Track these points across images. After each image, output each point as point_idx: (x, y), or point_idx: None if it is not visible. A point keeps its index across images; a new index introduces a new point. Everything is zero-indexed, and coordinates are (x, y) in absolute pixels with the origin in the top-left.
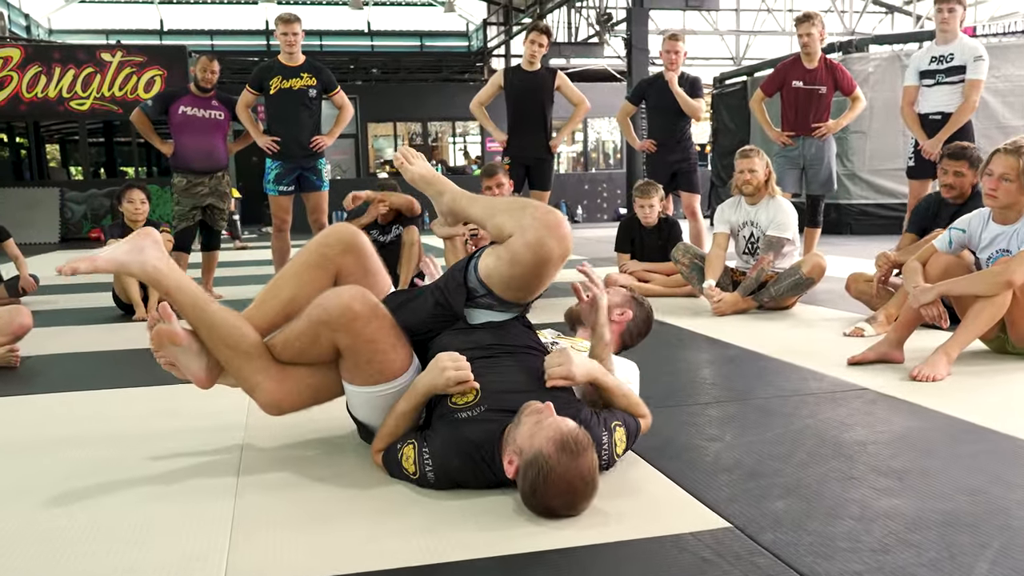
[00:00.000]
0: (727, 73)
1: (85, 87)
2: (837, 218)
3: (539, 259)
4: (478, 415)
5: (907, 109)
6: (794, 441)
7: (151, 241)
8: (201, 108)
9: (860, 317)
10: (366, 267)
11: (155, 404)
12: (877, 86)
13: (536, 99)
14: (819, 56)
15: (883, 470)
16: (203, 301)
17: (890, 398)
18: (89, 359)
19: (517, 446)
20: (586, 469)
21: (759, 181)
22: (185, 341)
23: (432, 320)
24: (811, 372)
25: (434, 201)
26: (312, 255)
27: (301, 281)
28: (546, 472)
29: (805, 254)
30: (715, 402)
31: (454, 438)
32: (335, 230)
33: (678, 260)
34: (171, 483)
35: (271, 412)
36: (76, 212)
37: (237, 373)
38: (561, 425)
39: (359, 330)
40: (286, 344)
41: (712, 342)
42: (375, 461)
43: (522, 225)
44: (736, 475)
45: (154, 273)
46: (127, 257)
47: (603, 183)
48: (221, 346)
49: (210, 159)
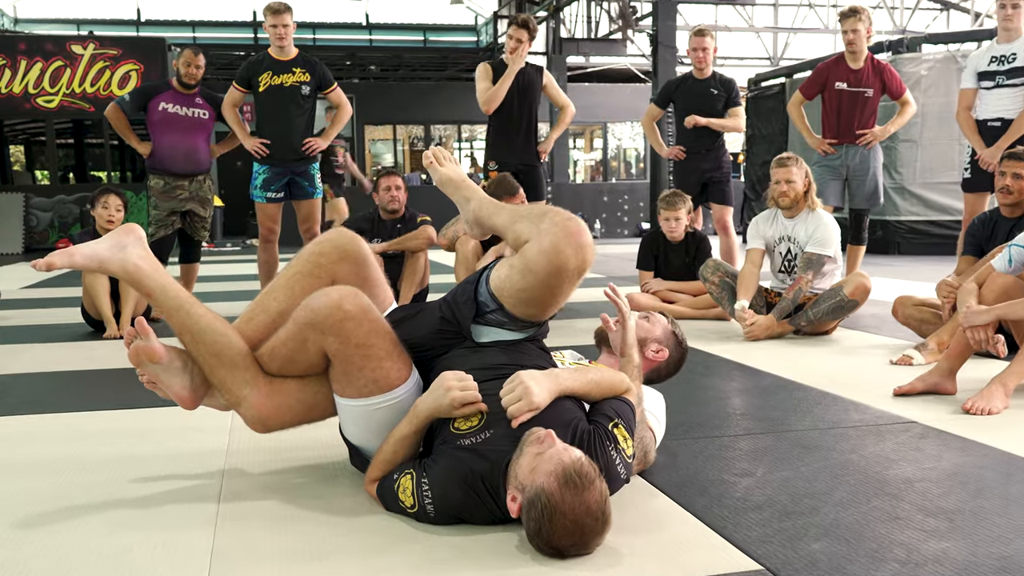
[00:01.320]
0: (763, 74)
1: (53, 82)
2: (884, 236)
3: (553, 268)
4: (482, 442)
5: (963, 114)
6: (833, 477)
7: (134, 238)
8: (183, 106)
9: (908, 344)
10: (365, 277)
11: (128, 427)
12: (930, 89)
13: (523, 99)
14: (865, 56)
15: (932, 510)
16: (188, 305)
17: (940, 432)
18: (56, 379)
19: (519, 481)
20: (594, 503)
21: (797, 193)
22: (165, 358)
23: (437, 336)
24: (853, 403)
25: (460, 208)
26: (305, 263)
27: (292, 293)
28: (550, 510)
29: (848, 274)
30: (746, 434)
31: (456, 468)
32: (331, 236)
33: (707, 279)
34: (145, 512)
35: (257, 429)
36: (42, 220)
37: (222, 384)
38: (563, 457)
39: (349, 333)
40: (273, 353)
41: (743, 369)
42: (368, 492)
43: (539, 230)
44: (768, 513)
45: (136, 272)
46: (108, 254)
47: (624, 194)
48: (206, 354)
49: (191, 161)
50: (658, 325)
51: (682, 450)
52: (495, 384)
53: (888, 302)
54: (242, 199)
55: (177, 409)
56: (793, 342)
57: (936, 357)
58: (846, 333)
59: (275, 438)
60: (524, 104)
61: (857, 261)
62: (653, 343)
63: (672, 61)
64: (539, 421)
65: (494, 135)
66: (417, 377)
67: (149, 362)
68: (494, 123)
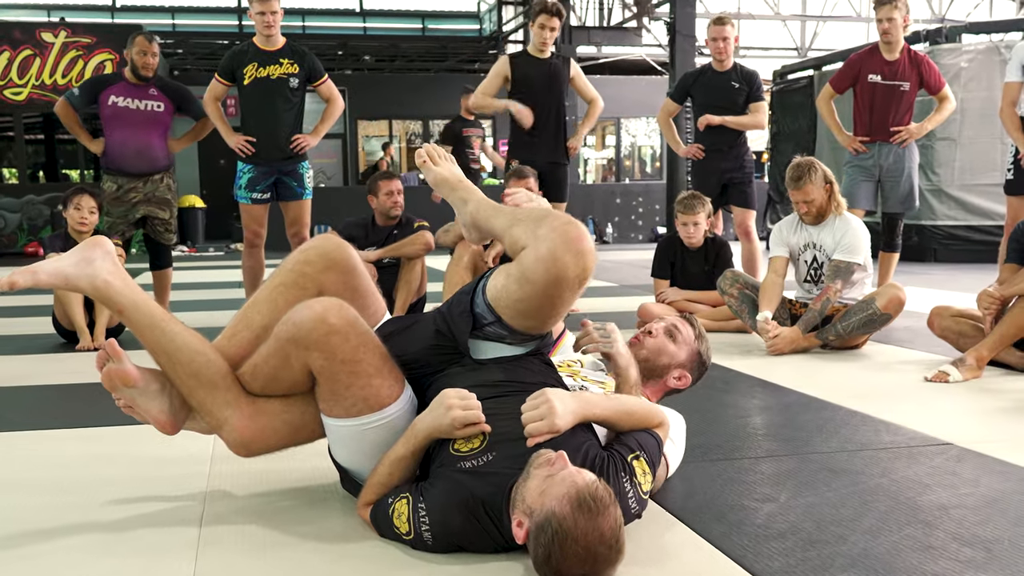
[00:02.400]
0: (790, 66)
1: (22, 73)
2: (919, 242)
3: (551, 277)
4: (484, 465)
5: (1007, 110)
6: (862, 503)
7: (102, 252)
8: (135, 98)
9: (944, 359)
10: (354, 287)
11: (103, 446)
12: (970, 83)
13: (550, 92)
14: (901, 46)
15: (968, 539)
16: (163, 322)
17: (978, 454)
18: (25, 394)
19: (527, 506)
20: (608, 530)
21: (819, 206)
22: (141, 382)
23: (432, 352)
24: (884, 423)
25: (457, 210)
26: (288, 274)
27: (276, 306)
28: (561, 536)
29: (880, 283)
30: (768, 456)
31: (456, 492)
32: (316, 243)
33: (725, 291)
34: (122, 536)
35: (240, 453)
36: (10, 222)
37: (201, 407)
38: (576, 479)
39: (335, 348)
40: (254, 371)
41: (766, 386)
42: (361, 516)
43: (536, 236)
44: (791, 542)
45: (105, 289)
46: (74, 270)
47: (639, 196)
48: (183, 375)
49: (144, 159)
50: (684, 347)
51: (699, 473)
52: (496, 403)
53: (923, 313)
54: (225, 200)
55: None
56: (819, 357)
57: (975, 373)
58: (877, 347)
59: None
60: (551, 98)
61: (890, 270)
62: (677, 369)
63: (691, 52)
64: (548, 443)
65: (517, 131)
66: (411, 395)
67: (123, 386)
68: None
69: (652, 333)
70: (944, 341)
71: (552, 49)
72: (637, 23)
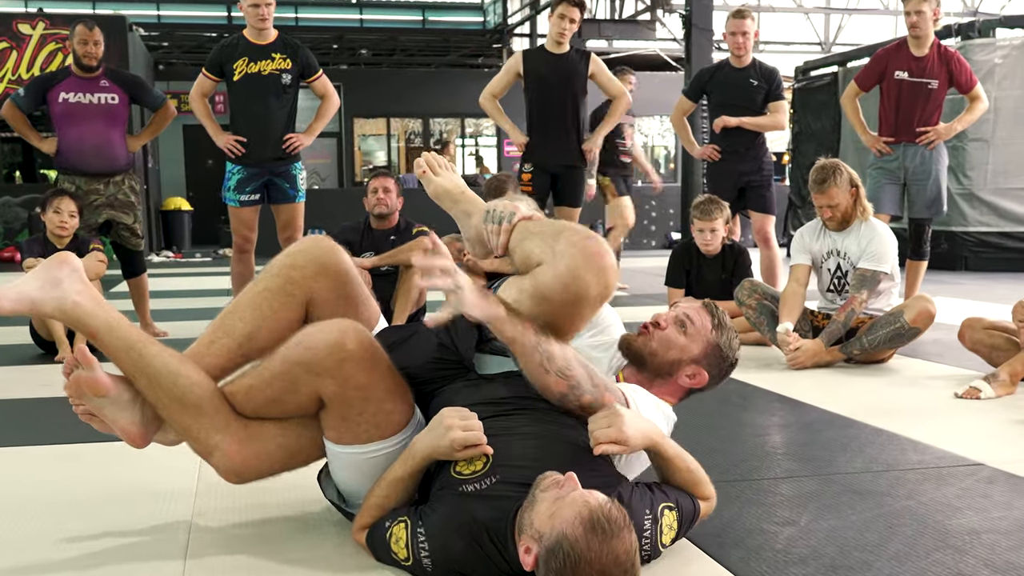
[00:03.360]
0: (813, 62)
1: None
2: (949, 249)
3: (571, 296)
4: (487, 488)
5: None
6: (888, 527)
7: (69, 270)
8: (87, 92)
9: (976, 374)
10: (347, 295)
11: (80, 466)
12: (1004, 82)
13: (565, 90)
14: (931, 41)
15: (1000, 566)
16: (140, 344)
17: (1011, 476)
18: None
19: (535, 530)
20: (623, 553)
21: (844, 211)
22: (113, 391)
23: (435, 366)
24: (911, 442)
25: (460, 224)
26: (275, 278)
27: (261, 313)
28: (573, 560)
29: (907, 293)
30: (788, 477)
31: (456, 516)
32: (305, 246)
33: (743, 302)
34: (99, 566)
35: (231, 480)
36: None
37: (186, 432)
38: (589, 499)
39: (350, 374)
40: (251, 393)
41: (786, 402)
42: (357, 541)
43: (554, 251)
44: (813, 568)
45: (74, 311)
46: (39, 294)
47: (651, 200)
48: (165, 399)
49: (103, 157)
50: (698, 339)
51: (715, 495)
52: (500, 422)
53: (954, 326)
54: (213, 203)
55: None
56: (843, 371)
57: (1009, 389)
58: (904, 361)
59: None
60: (566, 95)
61: (918, 279)
62: (689, 366)
63: (707, 47)
64: (558, 466)
65: (530, 131)
66: (420, 418)
67: (93, 395)
68: (530, 118)
69: (661, 324)
70: (976, 355)
71: (570, 44)
72: (651, 16)
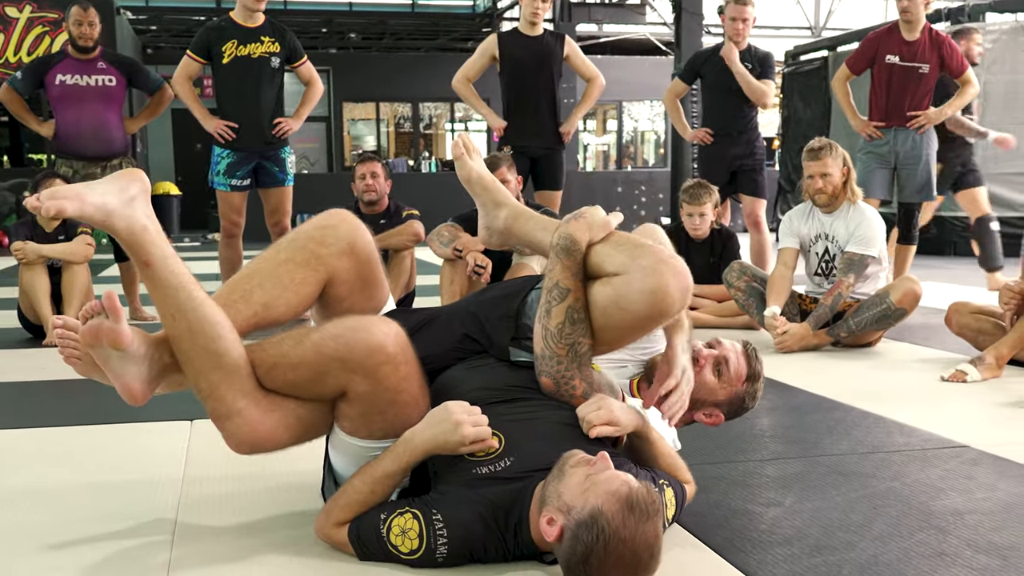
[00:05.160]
0: (803, 46)
1: None
2: (938, 234)
3: (654, 311)
4: (503, 470)
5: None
6: (872, 508)
7: (141, 188)
8: (84, 74)
9: (962, 358)
10: (365, 277)
11: (64, 450)
12: (994, 66)
13: (541, 72)
14: (922, 25)
15: (983, 546)
16: (192, 286)
17: (995, 458)
18: None
19: (563, 502)
20: (654, 537)
21: (835, 186)
22: (132, 347)
23: (452, 353)
24: (897, 425)
25: (487, 214)
26: (300, 251)
27: (281, 284)
28: (608, 535)
29: (895, 277)
30: (774, 459)
31: (474, 500)
32: (336, 221)
33: (731, 284)
34: (86, 550)
35: (242, 450)
36: None
37: (212, 390)
38: (628, 479)
39: (385, 376)
40: (273, 371)
41: (773, 385)
42: (329, 539)
43: (639, 265)
44: (797, 548)
45: (142, 235)
46: (118, 206)
47: (641, 184)
48: (201, 351)
49: (101, 140)
50: (727, 387)
51: (701, 477)
52: (511, 406)
53: (941, 310)
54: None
55: (125, 429)
56: (830, 355)
57: (995, 373)
58: (891, 345)
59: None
60: (541, 78)
61: (906, 263)
62: (710, 407)
63: (697, 31)
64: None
65: (507, 115)
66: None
67: (111, 348)
68: (507, 101)
69: (699, 362)
70: (962, 339)
71: (547, 26)
72: (640, 0)
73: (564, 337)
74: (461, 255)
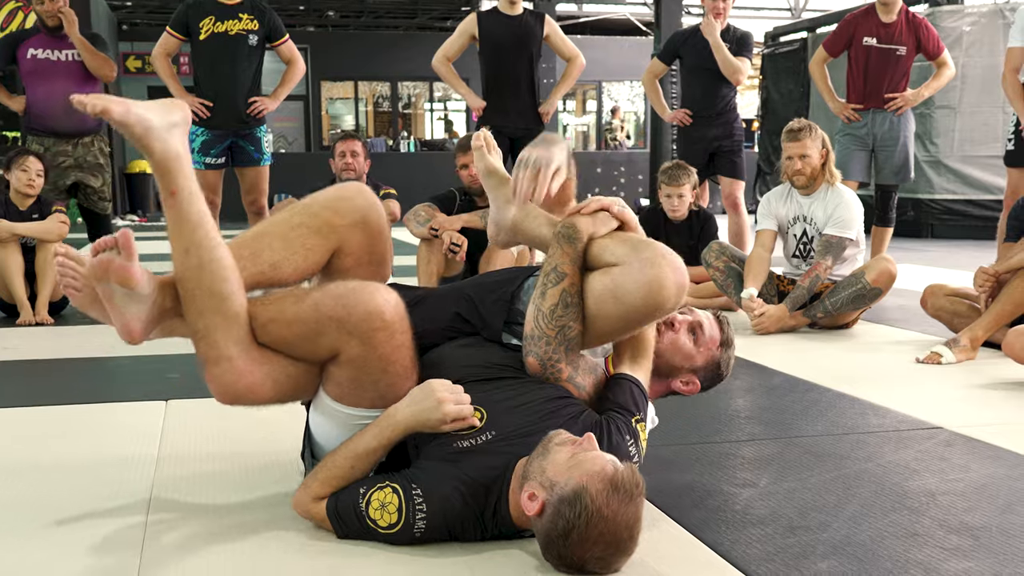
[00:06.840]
0: (782, 28)
1: None
2: (915, 217)
3: (649, 304)
4: (483, 444)
5: (1010, 77)
6: (846, 489)
7: (182, 117)
8: (55, 49)
9: (937, 340)
10: (373, 252)
11: (38, 430)
12: (972, 48)
13: (521, 52)
14: (899, 8)
15: (955, 526)
16: (209, 226)
17: (968, 439)
18: None
19: (547, 478)
20: (634, 519)
21: (814, 168)
22: (140, 286)
23: (446, 333)
24: (872, 406)
25: (498, 209)
26: (314, 218)
27: (292, 248)
28: (590, 513)
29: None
30: (750, 440)
31: (454, 476)
32: (353, 193)
33: (710, 264)
34: (52, 537)
35: (225, 400)
36: None
37: (207, 332)
38: (613, 459)
39: (379, 343)
40: (268, 326)
41: (750, 366)
42: (307, 514)
43: (640, 258)
44: (772, 529)
45: (175, 161)
46: (158, 126)
47: (620, 165)
48: (206, 290)
49: (73, 116)
50: (704, 351)
51: (677, 457)
52: (492, 383)
53: (917, 292)
54: None
55: (99, 409)
56: (807, 336)
57: (969, 355)
58: (868, 327)
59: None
60: (521, 58)
61: (883, 245)
62: (688, 373)
63: (677, 11)
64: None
65: (486, 95)
66: None
67: (119, 285)
68: (486, 81)
69: (674, 326)
70: (938, 321)
71: (526, 5)
72: None
73: (556, 319)
74: (437, 234)
